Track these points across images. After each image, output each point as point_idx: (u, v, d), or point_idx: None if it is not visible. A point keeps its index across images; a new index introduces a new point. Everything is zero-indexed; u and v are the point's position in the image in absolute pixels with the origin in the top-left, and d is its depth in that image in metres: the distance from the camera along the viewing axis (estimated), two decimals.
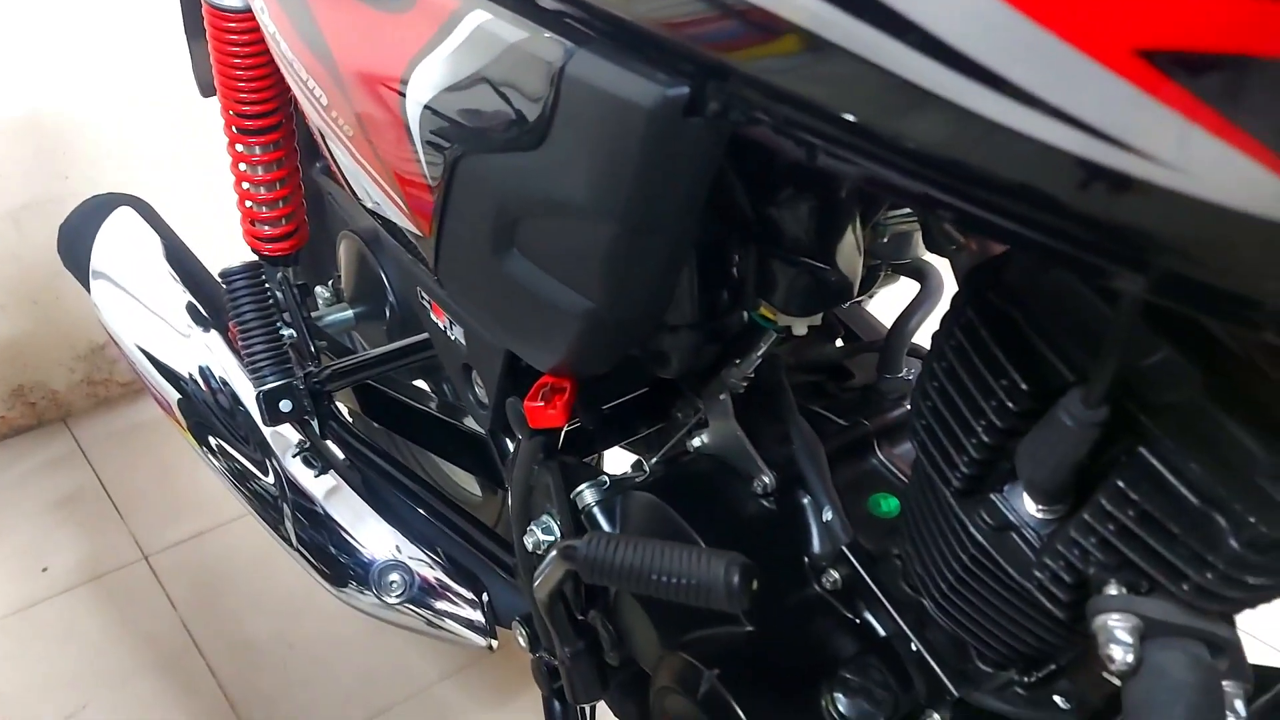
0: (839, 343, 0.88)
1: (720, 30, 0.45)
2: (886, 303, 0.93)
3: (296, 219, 1.15)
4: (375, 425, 1.39)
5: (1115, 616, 0.50)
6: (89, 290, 1.30)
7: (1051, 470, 0.50)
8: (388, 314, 1.29)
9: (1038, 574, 0.55)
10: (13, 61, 1.80)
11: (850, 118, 0.39)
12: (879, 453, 0.74)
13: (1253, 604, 0.51)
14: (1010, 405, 0.52)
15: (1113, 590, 0.51)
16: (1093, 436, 0.48)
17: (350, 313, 1.34)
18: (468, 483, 1.54)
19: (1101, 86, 0.28)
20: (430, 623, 1.07)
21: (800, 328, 0.67)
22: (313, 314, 1.25)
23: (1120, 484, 0.49)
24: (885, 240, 0.75)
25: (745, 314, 0.70)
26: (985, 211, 0.38)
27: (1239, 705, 0.52)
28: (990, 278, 0.53)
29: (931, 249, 0.71)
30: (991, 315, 0.53)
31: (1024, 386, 0.51)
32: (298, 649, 1.55)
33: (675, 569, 0.55)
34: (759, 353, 0.73)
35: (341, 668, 1.51)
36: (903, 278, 0.88)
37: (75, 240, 1.32)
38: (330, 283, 1.41)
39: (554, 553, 0.65)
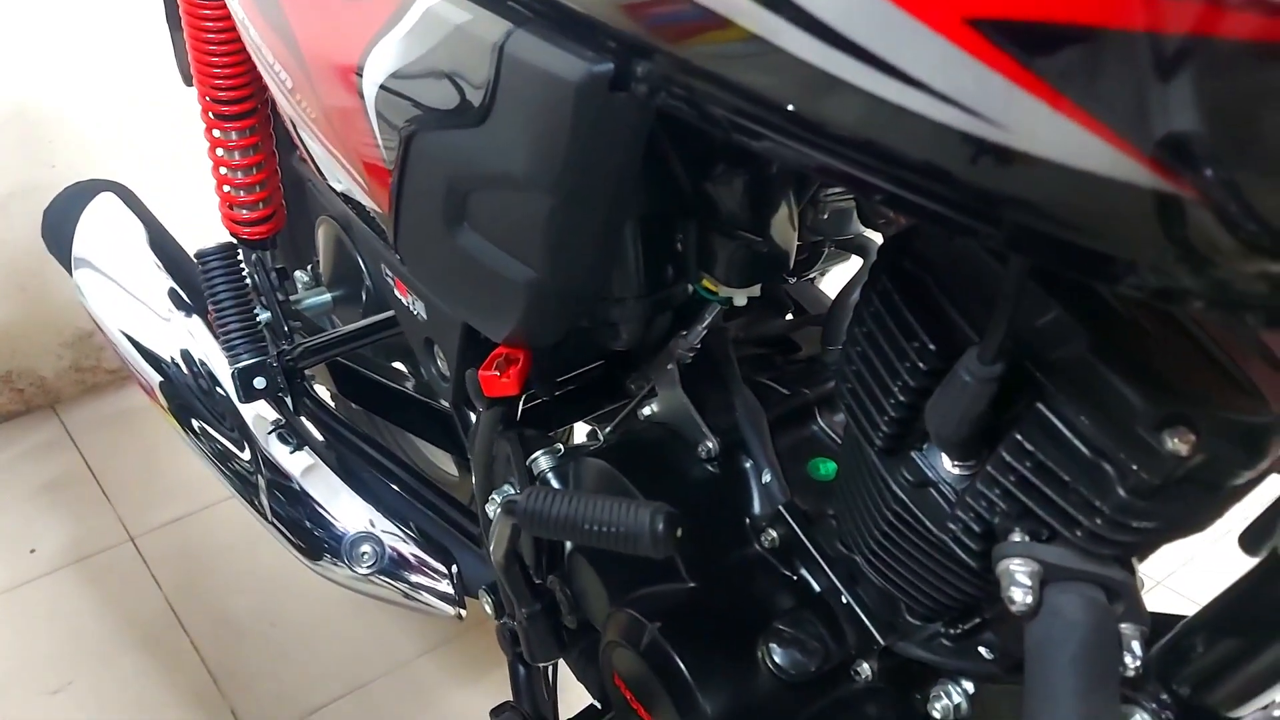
0: (789, 318, 0.91)
1: (640, 11, 0.48)
2: (839, 280, 0.96)
3: (273, 203, 1.18)
4: (354, 408, 1.43)
5: (1016, 561, 0.53)
6: (71, 274, 1.33)
7: (955, 424, 0.53)
8: (364, 297, 1.32)
9: (952, 526, 0.58)
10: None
11: (751, 92, 0.43)
12: (819, 420, 0.77)
13: (1142, 548, 0.54)
14: (921, 365, 0.55)
15: (1016, 538, 0.54)
16: (990, 391, 0.51)
17: (328, 296, 1.37)
18: (446, 464, 1.57)
19: (941, 53, 0.32)
20: (402, 593, 1.10)
21: (741, 299, 0.71)
22: (291, 297, 1.28)
23: (1019, 437, 0.52)
24: (825, 217, 0.78)
25: (689, 287, 0.74)
26: (871, 177, 0.41)
27: (1136, 646, 0.55)
28: (903, 246, 0.57)
29: (866, 224, 0.74)
30: (904, 281, 0.56)
31: (932, 347, 0.54)
32: (280, 627, 1.58)
33: (606, 518, 0.58)
34: (704, 325, 0.76)
35: (322, 644, 1.55)
36: (853, 256, 0.92)
37: (59, 224, 1.35)
38: (309, 267, 1.44)
39: (500, 510, 0.68)
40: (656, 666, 0.68)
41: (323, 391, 1.28)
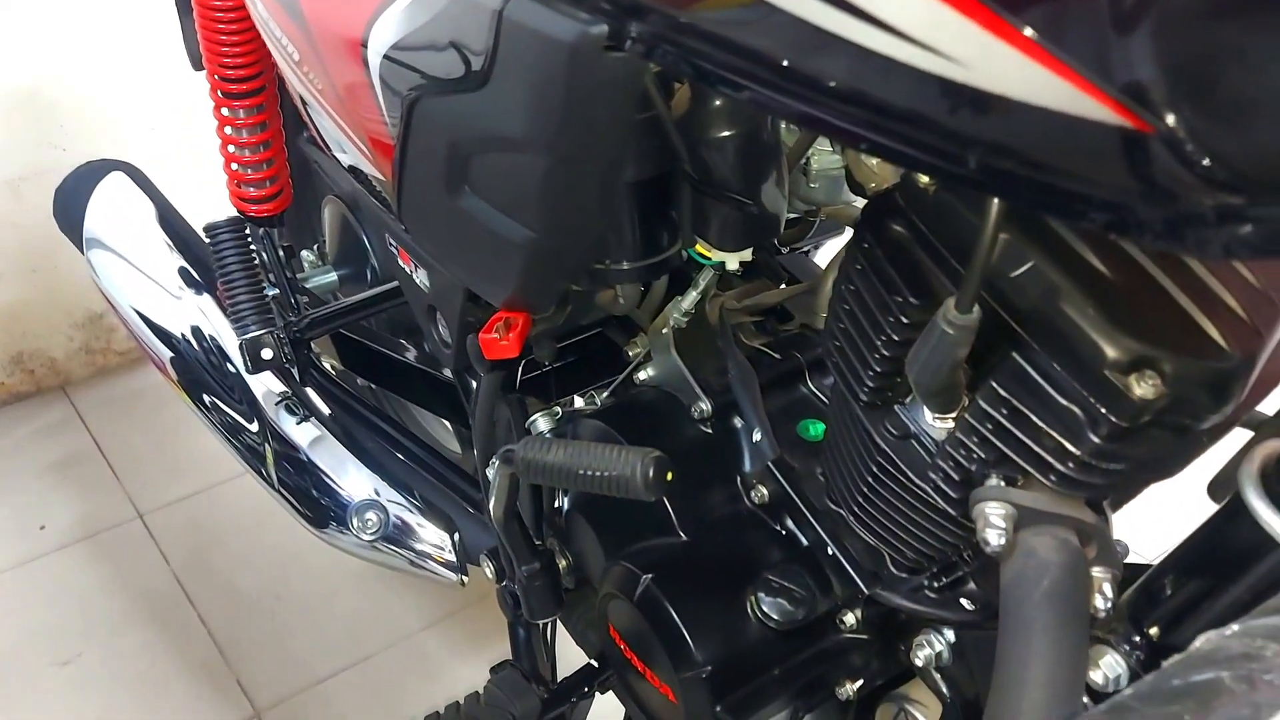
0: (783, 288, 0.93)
1: None
2: (832, 254, 0.98)
3: (280, 181, 1.20)
4: (361, 383, 1.45)
5: (991, 505, 0.56)
6: (82, 251, 1.36)
7: (934, 373, 0.55)
8: (369, 275, 1.34)
9: (933, 475, 0.61)
10: (12, 34, 1.85)
11: (733, 44, 0.45)
12: (810, 383, 0.79)
13: (1113, 491, 0.57)
14: (903, 319, 0.58)
15: (992, 483, 0.57)
16: (968, 340, 0.53)
17: (334, 275, 1.40)
18: (452, 441, 1.60)
19: None
20: (406, 560, 1.13)
21: (733, 263, 0.73)
22: (298, 276, 1.30)
23: (995, 386, 0.55)
24: (815, 185, 0.80)
25: (684, 253, 0.76)
26: (848, 123, 0.43)
27: (1107, 589, 0.58)
28: (885, 205, 0.59)
29: (855, 192, 0.77)
30: (886, 239, 0.58)
31: (913, 300, 0.57)
32: (286, 601, 1.61)
33: (598, 464, 0.61)
34: (698, 290, 0.78)
35: (328, 618, 1.58)
36: (846, 229, 0.94)
37: (70, 203, 1.38)
38: (316, 247, 1.47)
39: (499, 462, 0.71)
40: (650, 616, 0.71)
41: (329, 366, 1.31)
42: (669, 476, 0.60)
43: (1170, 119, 0.32)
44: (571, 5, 0.55)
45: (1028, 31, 0.32)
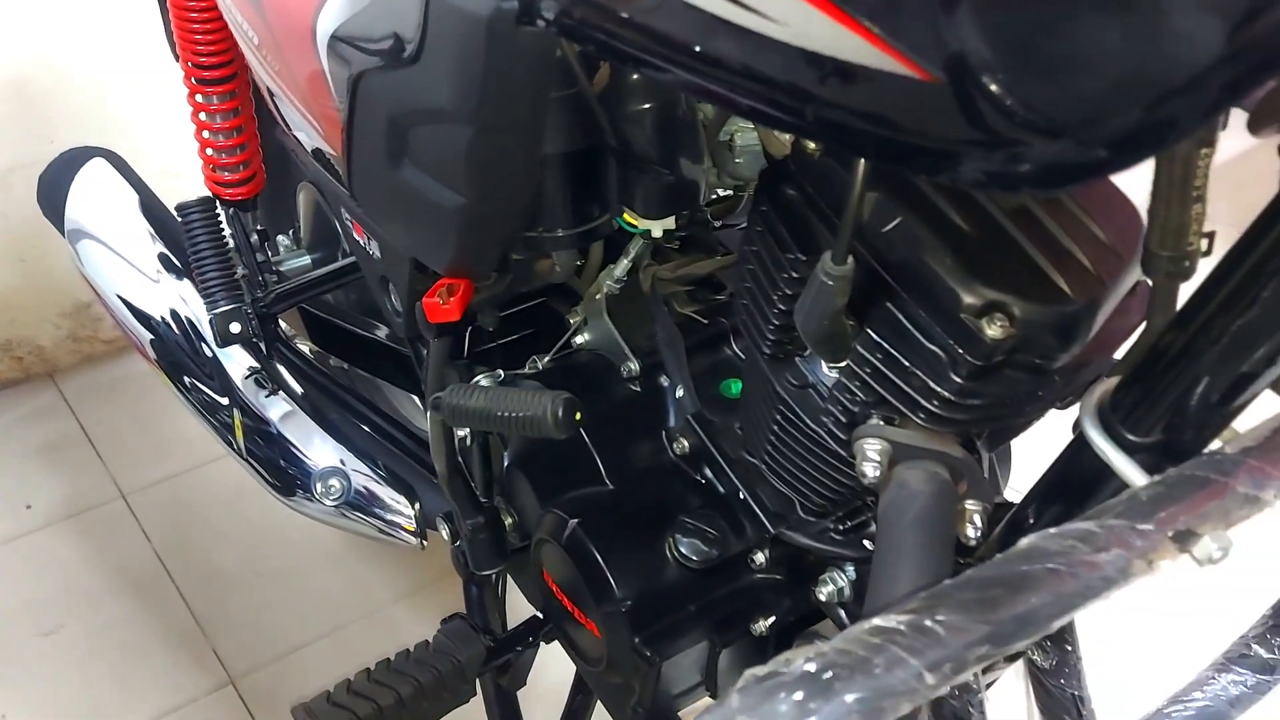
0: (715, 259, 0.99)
1: None
2: None
3: (253, 166, 1.26)
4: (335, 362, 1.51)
5: (869, 441, 0.61)
6: (63, 234, 1.41)
7: (817, 322, 0.60)
8: (340, 258, 1.40)
9: (825, 419, 0.66)
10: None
11: (615, 14, 0.50)
12: (733, 346, 0.85)
13: (980, 427, 0.62)
14: (794, 274, 0.63)
15: (873, 422, 0.62)
16: (845, 289, 0.58)
17: (308, 258, 1.44)
18: (421, 419, 1.65)
19: None
20: (372, 526, 1.18)
21: (658, 230, 0.78)
22: (273, 259, 1.36)
23: (870, 333, 0.60)
24: (741, 161, 0.85)
25: (614, 223, 0.81)
26: (716, 87, 0.48)
27: (977, 519, 0.63)
28: (779, 170, 0.64)
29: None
30: (780, 202, 0.64)
31: (801, 257, 0.62)
32: (263, 576, 1.67)
33: (513, 405, 0.66)
34: (629, 258, 0.84)
35: (302, 592, 1.63)
36: None
37: (53, 190, 1.43)
38: (291, 232, 1.52)
39: (430, 411, 0.76)
40: (575, 557, 0.76)
41: (305, 348, 1.36)
42: (578, 416, 0.66)
43: (951, 70, 0.38)
44: None
45: None
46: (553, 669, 1.10)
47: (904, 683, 0.42)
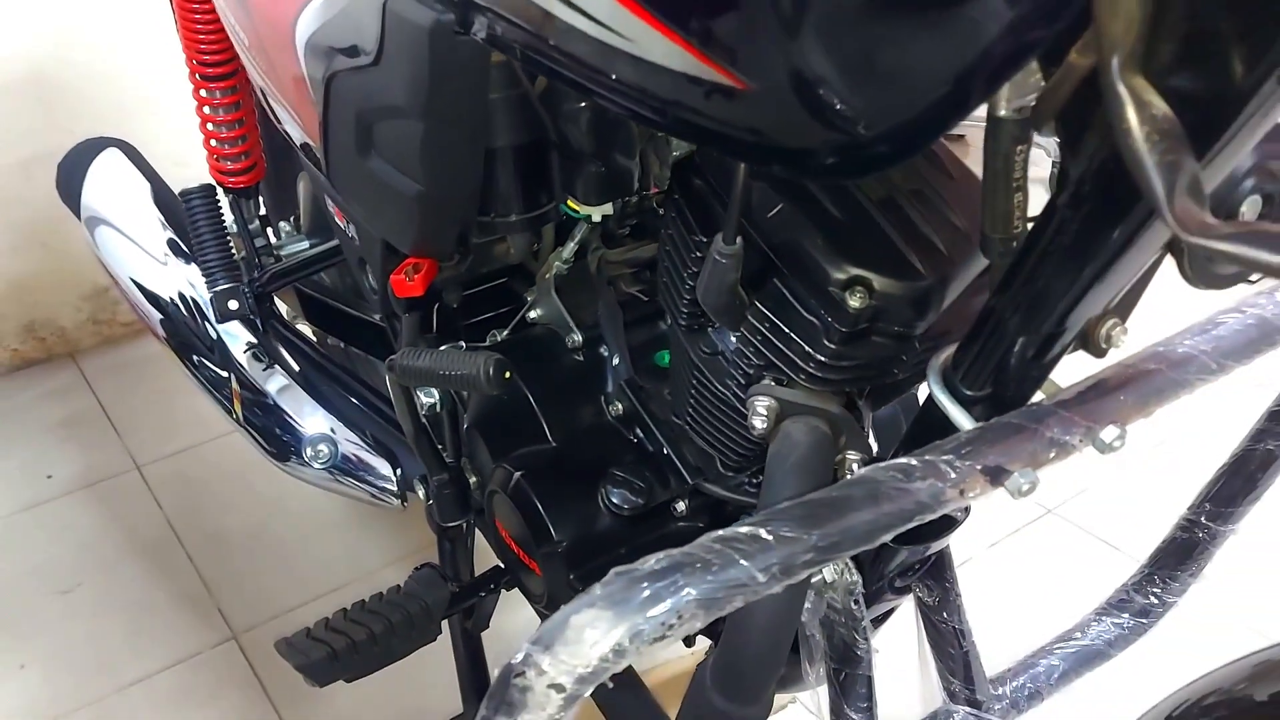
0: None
1: None
2: None
3: (253, 156, 1.36)
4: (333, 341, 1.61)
5: (759, 399, 0.70)
6: (80, 219, 1.52)
7: (715, 294, 0.69)
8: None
9: (729, 382, 0.75)
10: (24, 21, 2.01)
11: (519, 26, 0.60)
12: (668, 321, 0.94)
13: (857, 386, 0.71)
14: (699, 255, 0.72)
15: (765, 382, 0.71)
16: (737, 266, 0.67)
17: (306, 243, 1.55)
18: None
19: None
20: (360, 488, 1.29)
21: (597, 215, 0.87)
22: (274, 244, 1.46)
23: (759, 305, 0.69)
24: (678, 153, 0.94)
25: (560, 209, 0.91)
26: (602, 92, 0.58)
27: (856, 468, 0.72)
28: (689, 164, 0.74)
29: None
30: (688, 192, 0.73)
31: (704, 239, 0.71)
32: (266, 542, 1.77)
33: (451, 365, 0.76)
34: (575, 241, 0.93)
35: (301, 557, 1.74)
36: None
37: (70, 177, 1.54)
38: (292, 218, 1.63)
39: (387, 372, 0.86)
40: (520, 505, 0.86)
41: (306, 330, 1.47)
42: (507, 375, 0.75)
43: (758, 78, 0.47)
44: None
45: (658, 14, 0.47)
46: (521, 616, 1.20)
47: (736, 580, 0.51)
